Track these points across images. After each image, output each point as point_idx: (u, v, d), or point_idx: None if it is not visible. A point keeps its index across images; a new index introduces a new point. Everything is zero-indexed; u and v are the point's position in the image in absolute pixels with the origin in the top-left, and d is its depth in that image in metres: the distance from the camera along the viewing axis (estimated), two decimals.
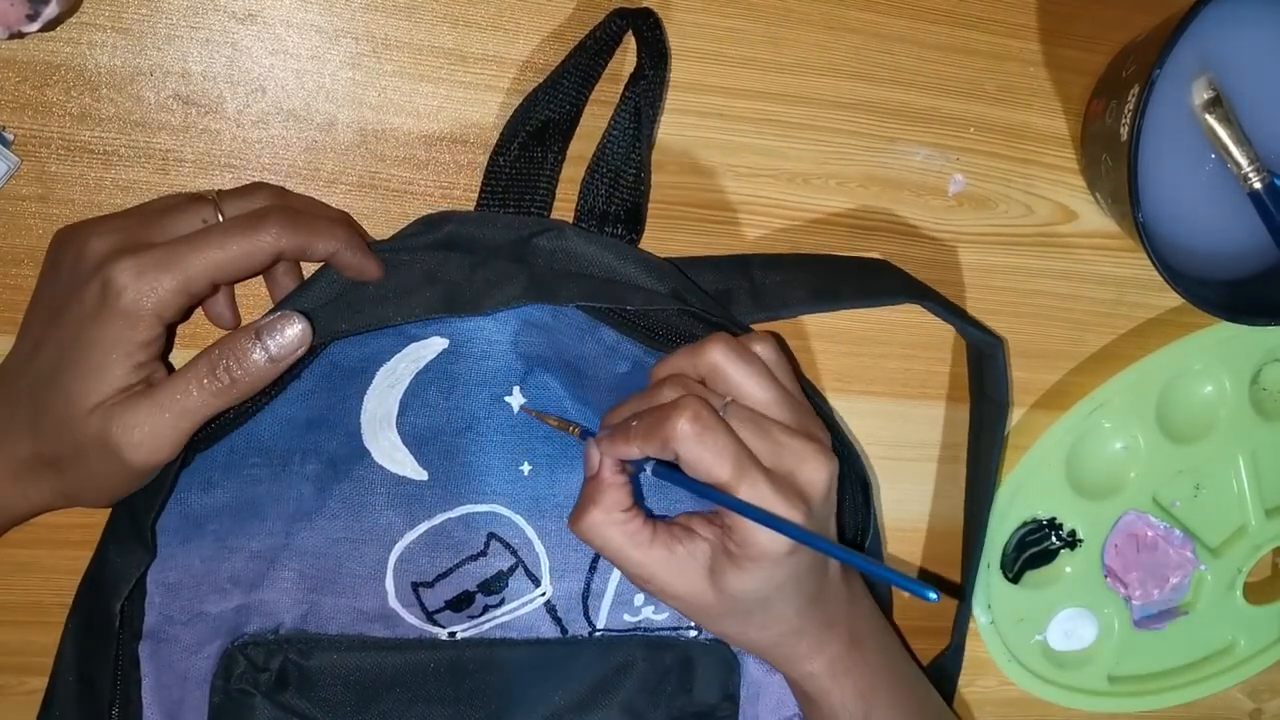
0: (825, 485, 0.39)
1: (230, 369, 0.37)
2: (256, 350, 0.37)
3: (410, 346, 0.43)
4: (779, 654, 0.43)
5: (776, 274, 0.47)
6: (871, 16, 0.49)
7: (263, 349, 0.37)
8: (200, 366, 0.37)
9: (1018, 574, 0.56)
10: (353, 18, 0.44)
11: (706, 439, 0.37)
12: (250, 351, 0.37)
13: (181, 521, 0.43)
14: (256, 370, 0.37)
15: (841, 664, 0.43)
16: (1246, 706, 0.63)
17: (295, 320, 0.38)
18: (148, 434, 0.36)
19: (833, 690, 0.43)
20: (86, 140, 0.43)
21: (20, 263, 0.43)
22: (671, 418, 0.37)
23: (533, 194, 0.44)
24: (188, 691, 0.44)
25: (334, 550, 0.44)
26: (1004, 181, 0.52)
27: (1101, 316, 0.55)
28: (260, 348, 0.37)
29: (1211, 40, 0.46)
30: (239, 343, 0.37)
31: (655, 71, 0.44)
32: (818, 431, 0.41)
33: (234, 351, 0.37)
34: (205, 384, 0.37)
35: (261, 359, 0.37)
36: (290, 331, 0.38)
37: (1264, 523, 0.58)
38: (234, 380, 0.37)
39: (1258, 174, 0.46)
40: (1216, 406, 0.56)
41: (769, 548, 0.38)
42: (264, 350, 0.37)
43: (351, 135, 0.45)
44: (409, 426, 0.44)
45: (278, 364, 0.38)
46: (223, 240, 0.37)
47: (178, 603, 0.43)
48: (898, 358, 0.53)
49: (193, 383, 0.37)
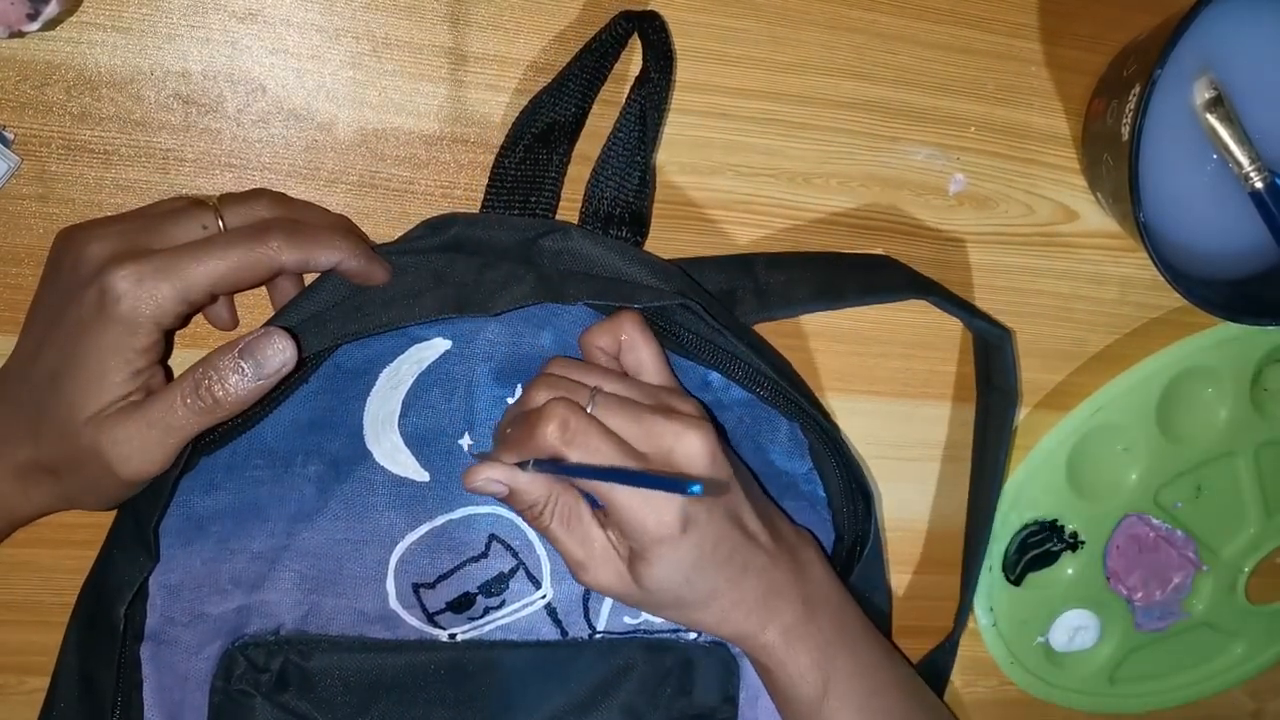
0: (703, 455, 0.39)
1: (213, 389, 0.37)
2: (238, 371, 0.37)
3: (413, 348, 0.43)
4: (731, 631, 0.42)
5: (780, 273, 0.47)
6: (873, 16, 0.49)
7: (244, 371, 0.37)
8: (186, 384, 0.37)
9: (1020, 576, 0.56)
10: (353, 17, 0.44)
11: (577, 442, 0.37)
12: (232, 373, 0.37)
13: (184, 523, 0.42)
14: (239, 391, 0.37)
15: (795, 633, 0.42)
16: (1248, 707, 0.63)
17: (278, 340, 0.37)
18: (136, 448, 0.36)
19: (787, 660, 0.43)
20: (87, 139, 0.43)
21: (20, 262, 0.43)
22: (539, 426, 0.38)
23: (538, 196, 0.44)
24: (188, 693, 0.44)
25: (335, 551, 0.44)
26: (1005, 181, 0.52)
27: (1103, 316, 0.55)
28: (242, 369, 0.37)
29: (1212, 40, 0.46)
30: (221, 362, 0.37)
31: (661, 75, 0.44)
32: (686, 406, 0.41)
33: (216, 372, 0.37)
34: (189, 403, 0.36)
35: (243, 381, 0.37)
36: (273, 352, 0.37)
37: (1265, 523, 0.58)
38: (217, 401, 0.37)
39: (1259, 173, 0.46)
40: (1218, 407, 0.56)
41: (657, 532, 0.38)
42: (245, 372, 0.37)
43: (352, 134, 0.45)
44: (411, 427, 0.44)
45: (260, 385, 0.37)
46: (224, 251, 0.37)
47: (179, 604, 0.43)
48: (899, 357, 0.53)
49: (178, 401, 0.36)
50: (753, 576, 0.41)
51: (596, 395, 0.39)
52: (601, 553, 0.40)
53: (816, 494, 0.48)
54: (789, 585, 0.42)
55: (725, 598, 0.41)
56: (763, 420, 0.47)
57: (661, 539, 0.38)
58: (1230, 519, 0.58)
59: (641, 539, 0.39)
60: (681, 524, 0.38)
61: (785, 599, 0.42)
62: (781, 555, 0.42)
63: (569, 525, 0.40)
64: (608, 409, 0.39)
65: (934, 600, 0.56)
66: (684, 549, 0.39)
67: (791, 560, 0.43)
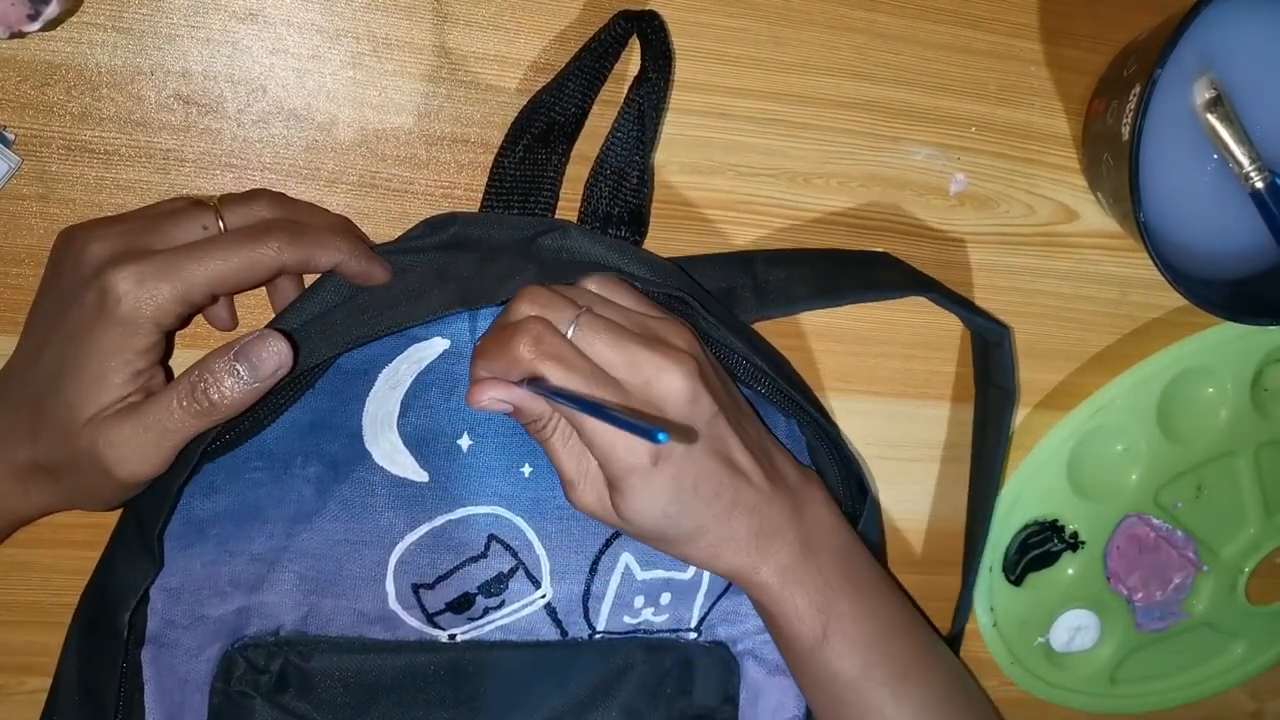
0: (683, 392, 0.38)
1: (208, 393, 0.36)
2: (233, 374, 0.36)
3: (411, 348, 0.43)
4: (724, 568, 0.41)
5: (780, 270, 0.47)
6: (874, 16, 0.49)
7: (240, 374, 0.37)
8: (182, 387, 0.36)
9: (1020, 576, 0.56)
10: (353, 17, 0.44)
11: (548, 362, 0.36)
12: (227, 375, 0.36)
13: (184, 527, 0.42)
14: (234, 394, 0.37)
15: (792, 574, 0.42)
16: (1248, 707, 0.63)
17: (274, 342, 0.37)
18: (132, 451, 0.36)
19: (783, 600, 0.42)
20: (87, 140, 0.43)
21: (21, 262, 0.43)
22: (512, 341, 0.37)
23: (537, 195, 0.44)
24: (188, 695, 0.44)
25: (334, 552, 0.44)
26: (1005, 181, 0.52)
27: (1104, 316, 0.55)
28: (237, 372, 0.36)
29: (1213, 40, 0.46)
30: (217, 365, 0.36)
31: (659, 74, 0.44)
32: (676, 338, 0.39)
33: (212, 375, 0.36)
34: (185, 406, 0.36)
35: (238, 385, 0.37)
36: (268, 355, 0.37)
37: (1265, 523, 0.58)
38: (213, 404, 0.36)
39: (1259, 173, 0.46)
40: (1218, 407, 0.56)
41: (627, 461, 0.37)
42: (241, 375, 0.37)
43: (352, 135, 0.45)
44: (410, 428, 0.44)
45: (256, 388, 0.37)
46: (224, 252, 0.37)
47: (179, 607, 0.43)
48: (899, 357, 0.52)
49: (174, 404, 0.36)
50: (743, 514, 0.40)
51: (581, 317, 0.38)
52: (594, 474, 0.39)
53: None
54: (786, 525, 0.42)
55: (711, 533, 0.40)
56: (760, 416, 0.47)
57: (632, 469, 0.38)
58: (1230, 519, 0.58)
59: (611, 467, 0.38)
60: (652, 457, 0.37)
61: (782, 539, 0.41)
62: (778, 494, 0.41)
63: (567, 441, 0.39)
64: (592, 331, 0.38)
65: (934, 601, 0.56)
66: (657, 483, 0.38)
67: (789, 500, 0.42)
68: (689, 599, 0.48)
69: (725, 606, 0.48)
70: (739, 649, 0.49)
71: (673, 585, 0.47)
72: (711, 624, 0.49)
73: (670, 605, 0.48)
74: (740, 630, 0.49)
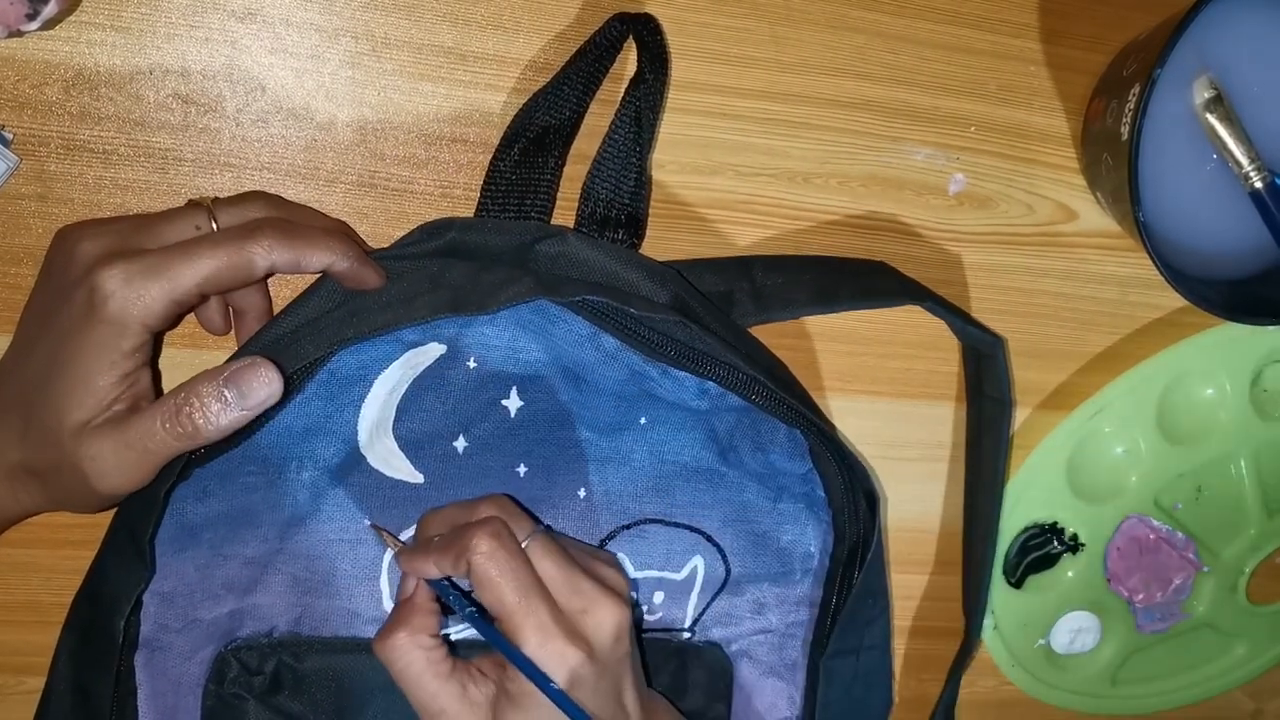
0: (613, 630, 0.39)
1: (193, 417, 0.36)
2: (220, 400, 0.36)
3: (408, 353, 0.43)
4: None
5: (778, 276, 0.47)
6: (874, 16, 0.49)
7: (227, 400, 0.36)
8: (168, 408, 0.36)
9: (1020, 578, 0.56)
10: (352, 16, 0.44)
11: (500, 559, 0.37)
12: (215, 401, 0.36)
13: (177, 531, 0.42)
14: (219, 421, 0.36)
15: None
16: (1248, 707, 0.63)
17: (265, 371, 0.37)
18: (112, 467, 0.36)
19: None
20: (86, 139, 0.43)
21: (20, 262, 0.43)
22: (472, 534, 0.38)
23: (533, 199, 0.44)
24: (181, 697, 0.44)
25: (328, 552, 0.44)
26: (1005, 181, 0.52)
27: (1103, 316, 0.54)
28: (225, 398, 0.36)
29: (1212, 40, 0.46)
30: (204, 389, 0.36)
31: (656, 77, 0.44)
32: (615, 579, 0.41)
33: (199, 399, 0.36)
34: (168, 428, 0.36)
35: (225, 410, 0.36)
36: (259, 384, 0.37)
37: (1265, 524, 0.58)
38: (196, 428, 0.36)
39: (1258, 173, 0.46)
40: (1217, 408, 0.56)
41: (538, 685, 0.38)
42: (228, 401, 0.36)
43: (351, 134, 0.45)
44: (406, 432, 0.43)
45: (243, 415, 0.37)
46: (213, 251, 0.36)
47: (172, 611, 0.43)
48: (900, 358, 0.52)
49: (157, 425, 0.36)
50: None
51: (538, 533, 0.40)
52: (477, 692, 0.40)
53: (816, 494, 0.48)
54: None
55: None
56: (762, 421, 0.47)
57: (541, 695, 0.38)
58: (1230, 520, 0.58)
59: (524, 685, 0.38)
60: (569, 684, 0.38)
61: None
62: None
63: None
64: (544, 548, 0.39)
65: (935, 600, 0.56)
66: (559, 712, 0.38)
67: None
68: (682, 599, 0.48)
69: (720, 608, 0.48)
70: (733, 649, 0.49)
71: (665, 585, 0.47)
72: (706, 625, 0.48)
73: (663, 605, 0.47)
74: (735, 631, 0.49)
